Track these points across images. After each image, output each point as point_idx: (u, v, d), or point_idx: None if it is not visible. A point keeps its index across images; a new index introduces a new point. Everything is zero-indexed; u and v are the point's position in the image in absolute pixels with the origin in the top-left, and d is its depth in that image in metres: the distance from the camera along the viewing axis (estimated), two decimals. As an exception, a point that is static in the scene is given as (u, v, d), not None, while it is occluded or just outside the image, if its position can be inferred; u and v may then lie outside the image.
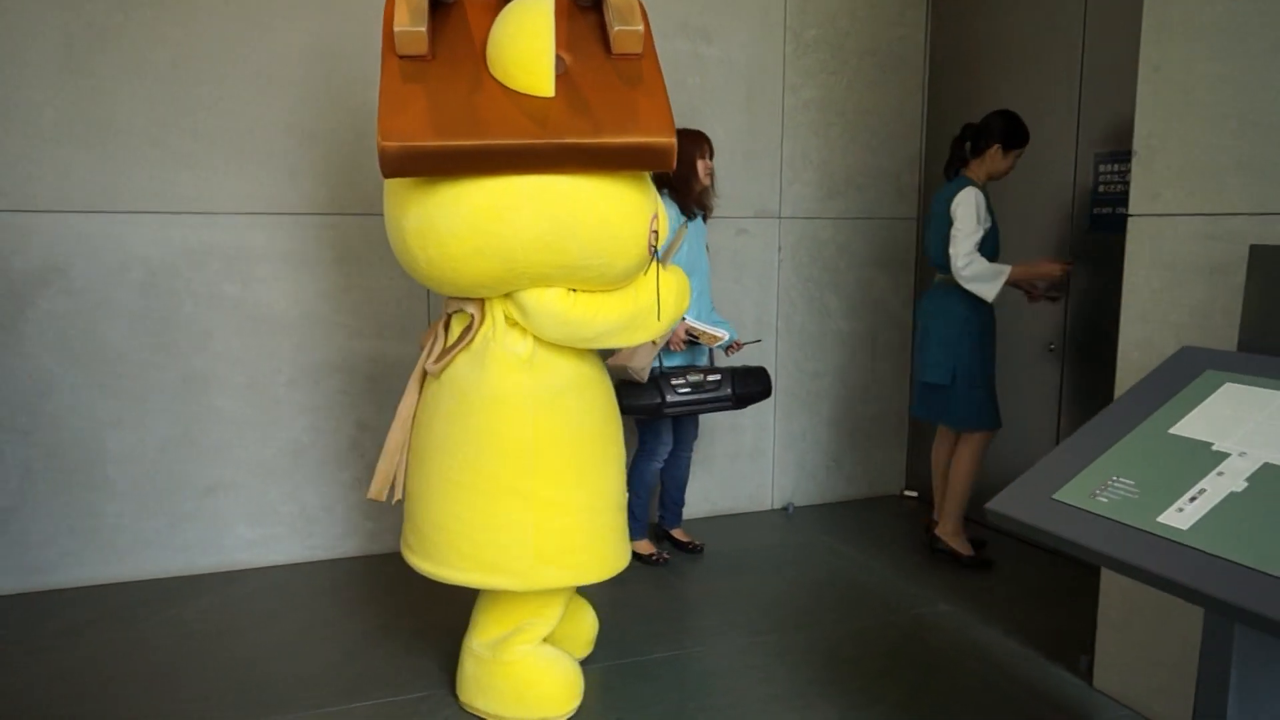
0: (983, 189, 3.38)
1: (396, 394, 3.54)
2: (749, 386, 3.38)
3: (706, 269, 3.49)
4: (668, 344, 3.32)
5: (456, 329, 2.33)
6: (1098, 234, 3.47)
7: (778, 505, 4.25)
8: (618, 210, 2.14)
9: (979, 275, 3.29)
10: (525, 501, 2.23)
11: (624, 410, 3.18)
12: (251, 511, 3.44)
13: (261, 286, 3.37)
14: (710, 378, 3.32)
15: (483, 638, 2.42)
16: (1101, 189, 3.44)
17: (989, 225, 3.36)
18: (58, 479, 3.21)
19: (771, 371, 3.89)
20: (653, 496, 3.71)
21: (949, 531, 3.56)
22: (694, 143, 3.29)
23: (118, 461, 3.27)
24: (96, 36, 3.09)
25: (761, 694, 2.55)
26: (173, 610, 3.08)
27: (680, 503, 3.73)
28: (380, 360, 3.54)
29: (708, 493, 4.09)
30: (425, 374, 2.38)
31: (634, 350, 3.16)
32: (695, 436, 3.66)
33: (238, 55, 3.24)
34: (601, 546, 2.36)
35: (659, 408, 3.26)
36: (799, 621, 3.02)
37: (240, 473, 3.41)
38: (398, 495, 2.44)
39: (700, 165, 3.30)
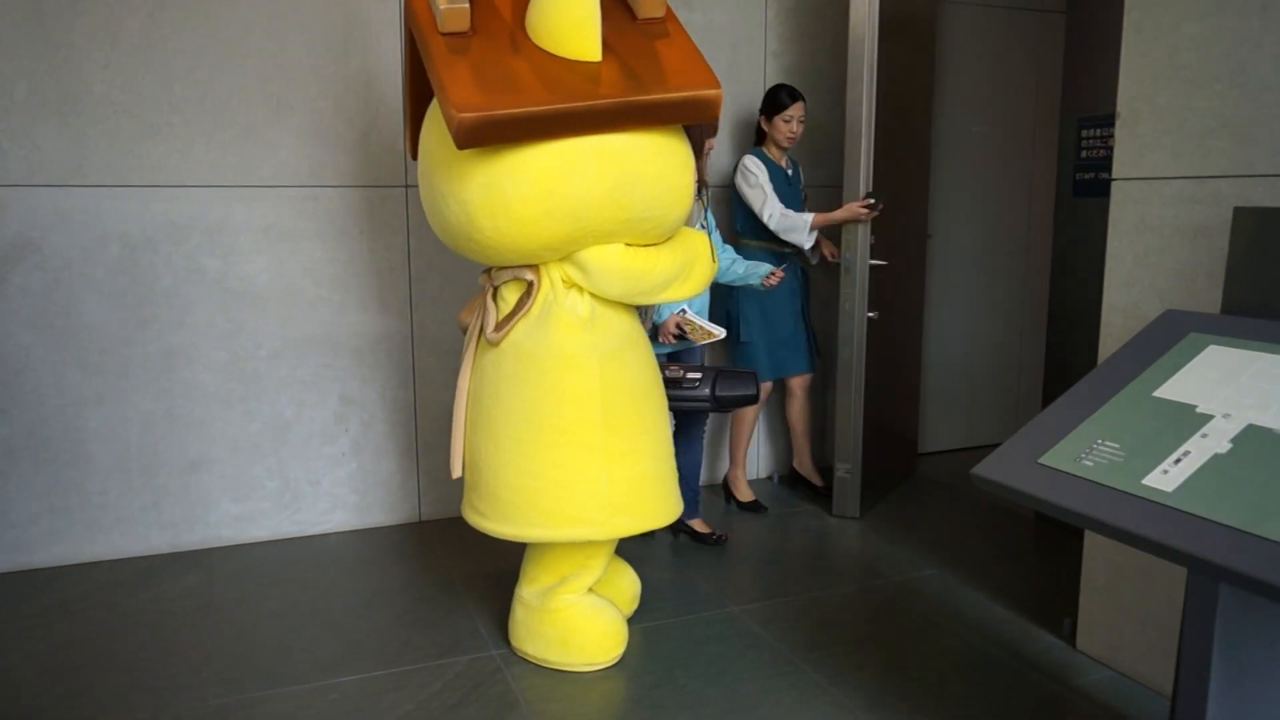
0: (770, 157, 3.62)
1: (380, 367, 3.53)
2: (732, 389, 3.07)
3: None
4: (655, 335, 3.14)
5: (511, 298, 2.41)
6: (1080, 199, 3.47)
7: (763, 475, 4.26)
8: (670, 162, 2.28)
9: (790, 227, 3.52)
10: (598, 454, 2.35)
11: None
12: (235, 487, 3.42)
13: (242, 260, 3.33)
14: (690, 375, 3.05)
15: (532, 587, 2.55)
16: (1084, 154, 3.45)
17: (784, 186, 3.60)
18: (38, 457, 3.18)
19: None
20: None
21: (732, 475, 3.87)
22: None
23: (99, 438, 3.24)
24: (68, 6, 3.02)
25: (750, 661, 2.57)
26: (157, 587, 3.07)
27: (695, 490, 3.46)
28: (364, 334, 3.51)
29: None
30: (477, 347, 2.48)
31: None
32: (706, 420, 3.51)
33: (211, 25, 3.18)
34: (665, 492, 2.50)
35: None
36: (786, 589, 3.03)
37: (223, 448, 3.39)
38: (456, 471, 2.52)
39: (708, 144, 3.20)
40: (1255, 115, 2.08)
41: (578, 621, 2.50)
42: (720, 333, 3.17)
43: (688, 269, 2.43)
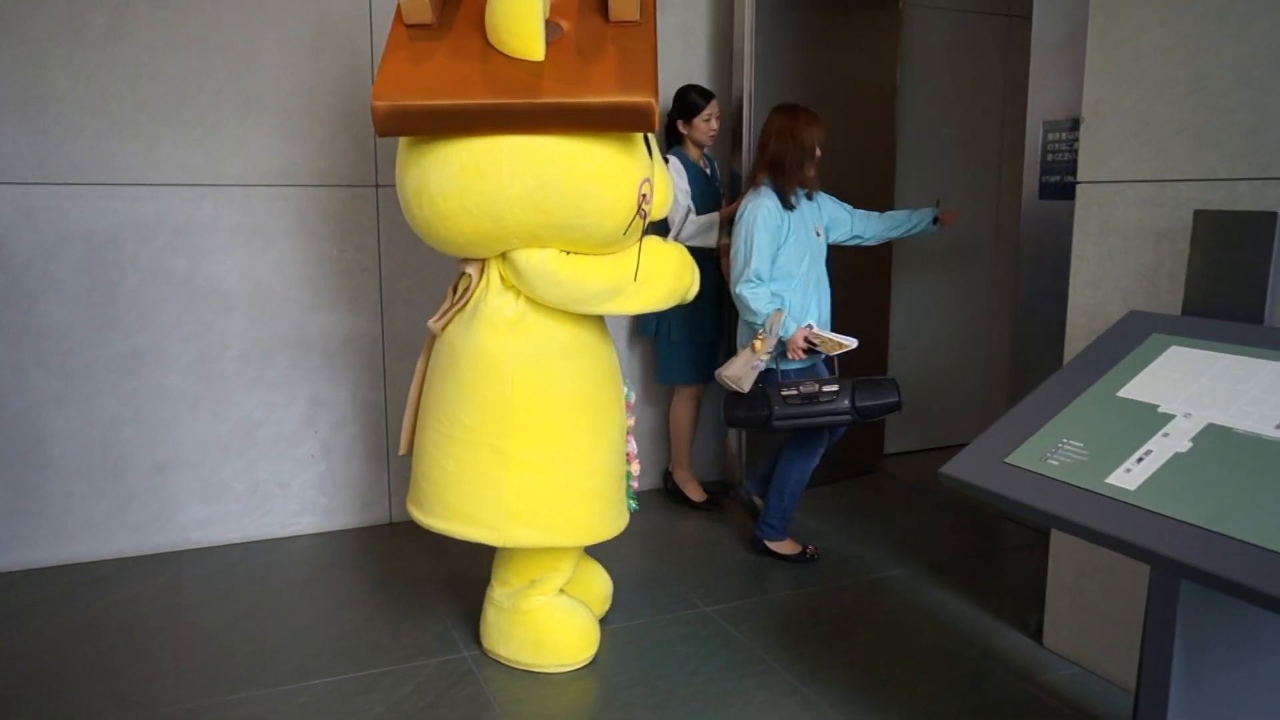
0: (691, 158, 3.60)
1: (351, 368, 3.50)
2: (874, 398, 2.97)
3: (814, 264, 3.16)
4: (784, 352, 3.03)
5: (460, 290, 2.44)
6: (1046, 202, 3.52)
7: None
8: (601, 171, 2.20)
9: (691, 235, 3.55)
10: (501, 458, 2.32)
11: (730, 423, 3.13)
12: (203, 489, 3.38)
13: (210, 260, 3.29)
14: (826, 388, 2.95)
15: (502, 588, 2.55)
16: (1050, 158, 3.49)
17: (705, 185, 3.61)
18: (1, 460, 3.12)
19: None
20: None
21: (680, 478, 3.88)
22: (814, 126, 3.09)
23: (63, 441, 3.19)
24: (29, 0, 2.97)
25: (721, 660, 2.58)
26: (124, 591, 3.03)
27: (786, 513, 3.29)
28: (334, 335, 3.48)
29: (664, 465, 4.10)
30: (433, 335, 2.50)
31: (731, 360, 3.06)
32: (824, 436, 3.24)
33: (178, 22, 3.14)
34: (579, 512, 2.40)
35: (766, 421, 2.97)
36: (756, 589, 3.05)
37: (191, 450, 3.35)
38: (402, 449, 2.57)
39: (817, 152, 3.10)
40: (1214, 120, 2.12)
41: (550, 623, 2.50)
42: (851, 343, 3.00)
43: (630, 287, 2.35)
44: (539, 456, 2.33)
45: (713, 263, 3.68)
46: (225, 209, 3.29)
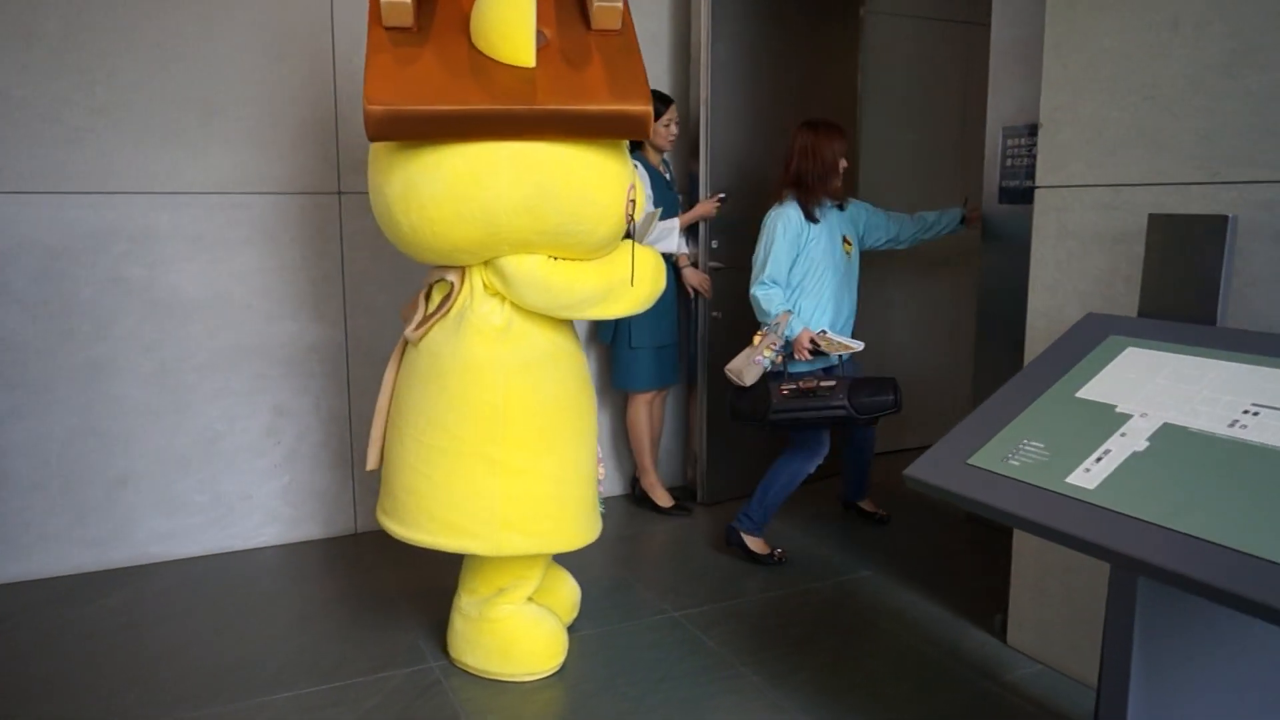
0: (650, 163, 3.63)
1: (315, 377, 3.47)
2: (871, 395, 2.99)
3: (834, 274, 3.23)
4: (791, 352, 3.10)
5: (437, 298, 2.39)
6: (1005, 205, 3.57)
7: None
8: (596, 177, 2.22)
9: (656, 239, 3.52)
10: (493, 467, 2.30)
11: (730, 415, 3.20)
12: (164, 502, 3.33)
13: (169, 269, 3.24)
14: (824, 384, 2.99)
15: (470, 597, 2.51)
16: (1009, 162, 3.54)
17: (664, 190, 3.62)
18: (-48, 474, 3.06)
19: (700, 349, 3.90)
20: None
21: (647, 484, 3.89)
22: (835, 140, 3.18)
23: (19, 454, 3.12)
24: (-21, 6, 2.92)
25: (690, 666, 2.58)
26: (82, 607, 2.97)
27: (863, 474, 3.72)
28: (297, 343, 3.44)
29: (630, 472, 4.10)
30: (406, 343, 2.43)
31: (737, 356, 3.12)
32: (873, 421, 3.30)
33: (135, 28, 3.09)
34: (567, 517, 2.42)
35: (763, 415, 3.03)
36: (725, 593, 3.05)
37: (151, 462, 3.29)
38: (371, 463, 2.50)
39: (841, 164, 3.20)
40: (1167, 126, 2.16)
41: (517, 631, 2.49)
42: (857, 345, 3.08)
43: (616, 289, 2.38)
44: (530, 463, 2.33)
45: (674, 269, 3.70)
46: (185, 217, 3.24)
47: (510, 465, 2.31)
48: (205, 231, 3.27)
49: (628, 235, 2.45)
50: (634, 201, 2.35)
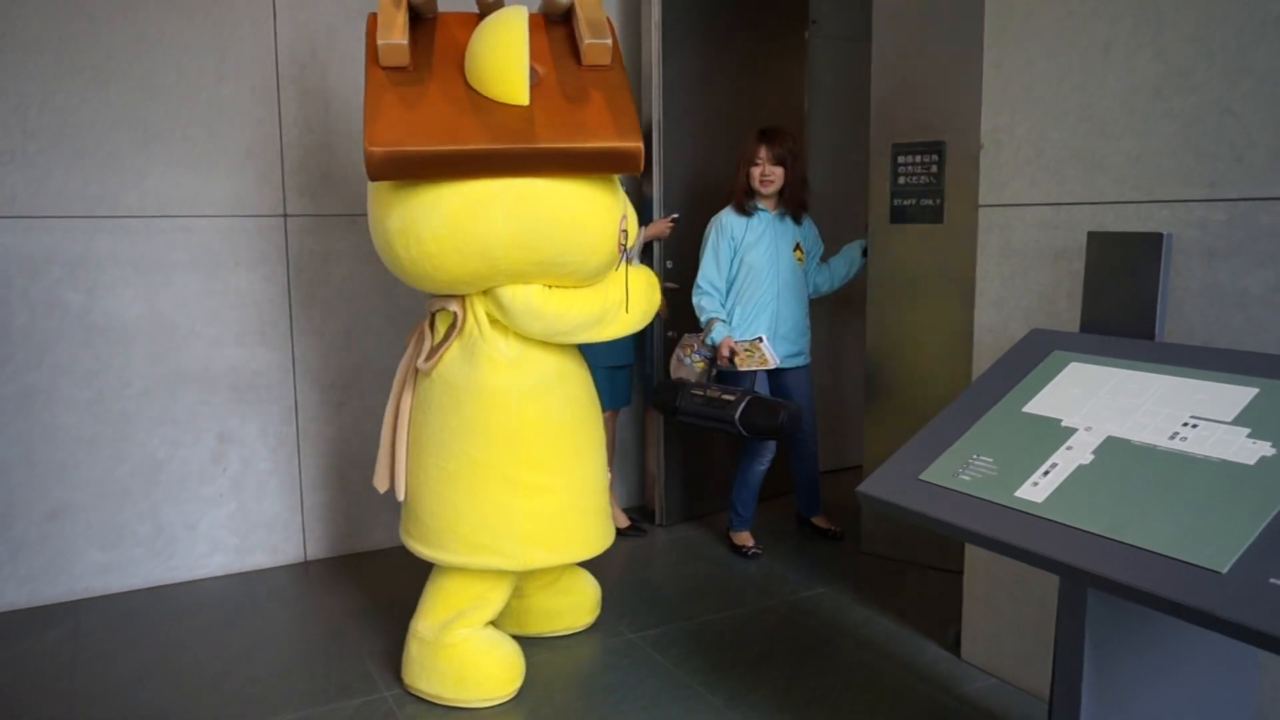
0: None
1: (260, 402, 3.40)
2: (762, 417, 3.06)
3: (780, 277, 3.40)
4: (717, 359, 3.35)
5: (441, 327, 2.48)
6: (898, 225, 3.41)
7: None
8: (588, 210, 2.31)
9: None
10: (513, 487, 2.40)
11: (649, 401, 3.44)
12: (103, 534, 3.22)
13: (108, 294, 3.16)
14: (725, 396, 3.12)
15: (428, 621, 2.50)
16: (901, 180, 3.39)
17: None
18: (-123, 510, 2.93)
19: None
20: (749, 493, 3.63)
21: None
22: (750, 141, 3.39)
23: (-53, 488, 3.01)
24: (-94, 26, 2.83)
25: (648, 688, 2.56)
26: (16, 646, 2.85)
27: (812, 490, 3.75)
28: (243, 369, 3.37)
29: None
30: (416, 372, 2.51)
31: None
32: (813, 426, 3.63)
33: (69, 48, 3.02)
34: (585, 527, 2.54)
35: (673, 413, 3.27)
36: (682, 614, 3.04)
37: (89, 493, 3.19)
38: (400, 494, 2.53)
39: (756, 167, 3.37)
40: (1102, 146, 2.23)
41: (473, 655, 2.46)
42: (771, 362, 3.32)
43: (609, 314, 2.48)
44: (546, 480, 2.44)
45: None
46: (123, 241, 3.17)
47: (529, 483, 2.41)
48: (145, 255, 3.20)
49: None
50: (626, 231, 2.44)
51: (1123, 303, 1.95)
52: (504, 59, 2.17)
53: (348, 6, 3.40)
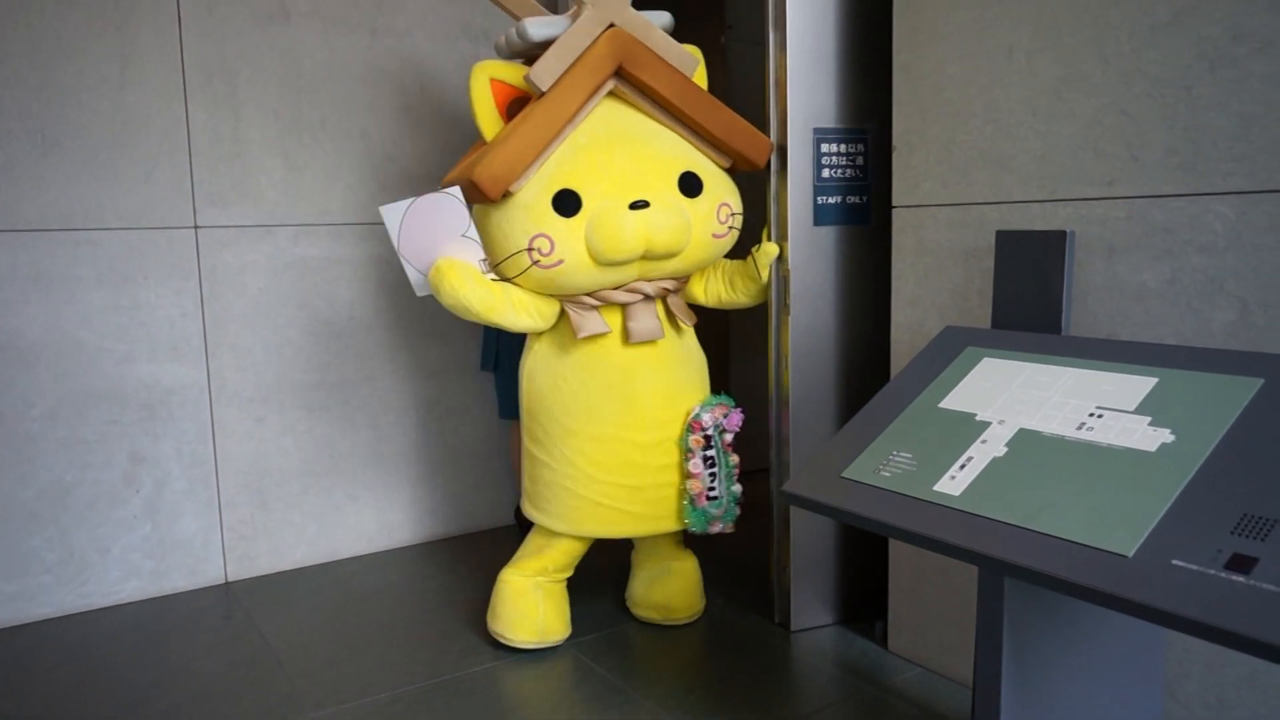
0: None
1: (174, 420, 3.29)
2: None
3: None
4: None
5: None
6: (821, 228, 2.84)
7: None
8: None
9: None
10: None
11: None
12: (8, 562, 3.08)
13: (6, 312, 3.02)
14: None
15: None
16: (825, 174, 2.83)
17: None
18: None
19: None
20: None
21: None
22: None
23: None
24: None
25: (583, 694, 2.55)
26: (-85, 684, 2.71)
27: None
28: (155, 386, 3.26)
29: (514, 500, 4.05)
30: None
31: None
32: None
33: (-40, 54, 2.90)
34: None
35: None
36: (613, 620, 3.04)
37: (-8, 521, 3.05)
38: None
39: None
40: (1008, 147, 2.30)
41: (507, 593, 2.79)
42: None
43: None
44: (543, 454, 2.82)
45: None
46: (22, 257, 3.03)
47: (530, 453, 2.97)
48: (47, 270, 3.07)
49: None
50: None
51: (1031, 298, 2.02)
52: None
53: (255, 11, 3.32)
